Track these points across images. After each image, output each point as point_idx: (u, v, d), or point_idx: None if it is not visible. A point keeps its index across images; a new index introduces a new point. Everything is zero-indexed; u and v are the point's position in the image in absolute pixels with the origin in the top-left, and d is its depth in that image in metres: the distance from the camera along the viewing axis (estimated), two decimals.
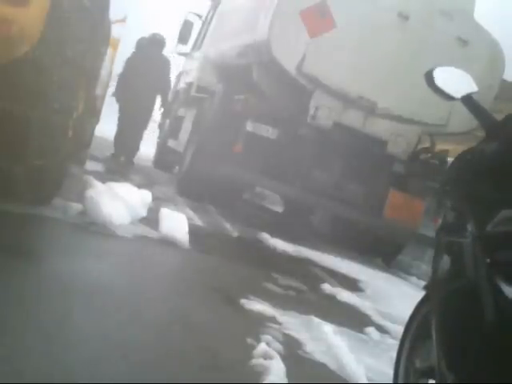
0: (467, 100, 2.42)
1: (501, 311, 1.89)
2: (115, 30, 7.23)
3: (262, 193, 10.56)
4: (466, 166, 2.34)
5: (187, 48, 11.60)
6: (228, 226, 6.82)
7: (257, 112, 7.30)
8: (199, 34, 11.22)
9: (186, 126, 9.32)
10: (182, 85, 11.25)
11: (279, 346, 3.26)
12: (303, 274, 5.57)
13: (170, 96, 11.83)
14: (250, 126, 7.25)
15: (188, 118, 9.50)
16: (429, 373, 2.36)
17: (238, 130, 7.37)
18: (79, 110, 4.85)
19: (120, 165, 9.39)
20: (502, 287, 1.90)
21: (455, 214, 2.28)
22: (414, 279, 7.54)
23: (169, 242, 4.78)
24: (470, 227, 2.11)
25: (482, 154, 2.29)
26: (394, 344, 4.02)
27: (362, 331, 4.18)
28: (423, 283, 7.13)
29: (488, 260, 1.99)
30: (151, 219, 5.10)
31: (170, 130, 10.86)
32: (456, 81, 2.43)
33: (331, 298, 4.99)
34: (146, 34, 10.24)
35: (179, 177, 8.86)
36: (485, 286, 1.97)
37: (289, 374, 2.86)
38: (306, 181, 7.38)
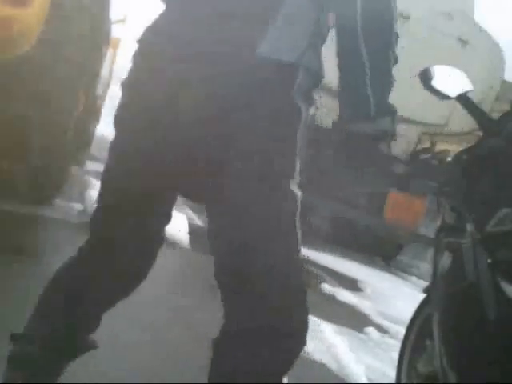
0: (463, 99, 2.41)
1: (502, 310, 1.89)
2: (115, 30, 7.23)
3: None
4: (463, 165, 2.34)
5: None
6: None
7: None
8: None
9: None
10: None
11: None
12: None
13: None
14: None
15: None
16: (433, 376, 2.35)
17: None
18: (79, 110, 4.85)
19: None
20: (503, 286, 1.90)
21: (454, 214, 2.27)
22: (414, 279, 7.55)
23: (169, 242, 4.78)
24: (469, 227, 2.11)
25: (480, 153, 2.29)
26: (394, 344, 4.02)
27: (362, 331, 4.18)
28: (423, 283, 7.14)
29: (489, 261, 1.98)
30: None
31: None
32: (451, 80, 2.42)
33: (331, 298, 4.99)
34: None
35: None
36: (486, 286, 1.96)
37: (289, 373, 2.86)
38: (305, 181, 7.37)
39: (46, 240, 4.06)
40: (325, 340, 3.65)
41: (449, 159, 7.45)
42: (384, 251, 8.15)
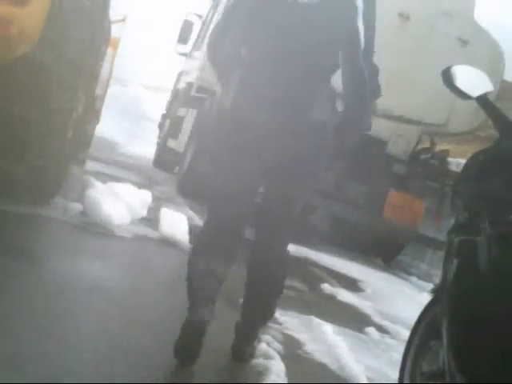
0: (482, 100, 2.41)
1: None
2: (115, 30, 7.22)
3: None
4: (479, 166, 2.33)
5: (187, 48, 11.59)
6: None
7: None
8: (199, 34, 11.21)
9: (186, 126, 9.31)
10: (182, 85, 11.25)
11: (279, 346, 3.26)
12: (303, 274, 5.57)
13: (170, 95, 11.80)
14: None
15: (188, 118, 9.49)
16: (436, 375, 2.34)
17: None
18: (79, 110, 4.85)
19: None
20: None
21: (468, 213, 2.26)
22: (413, 279, 7.54)
23: (169, 242, 4.78)
24: (484, 226, 2.10)
25: (497, 153, 2.28)
26: (394, 344, 4.02)
27: (362, 331, 4.18)
28: (423, 283, 7.15)
29: (503, 259, 1.98)
30: (151, 219, 5.10)
31: (170, 130, 10.85)
32: (473, 80, 2.41)
33: (331, 298, 4.99)
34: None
35: (179, 177, 8.86)
36: (499, 286, 1.96)
37: (289, 373, 2.86)
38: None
39: (46, 240, 4.06)
40: (325, 340, 3.65)
41: (449, 159, 7.46)
42: (384, 251, 8.15)
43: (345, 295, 5.14)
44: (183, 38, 11.65)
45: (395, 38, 7.10)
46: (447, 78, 2.42)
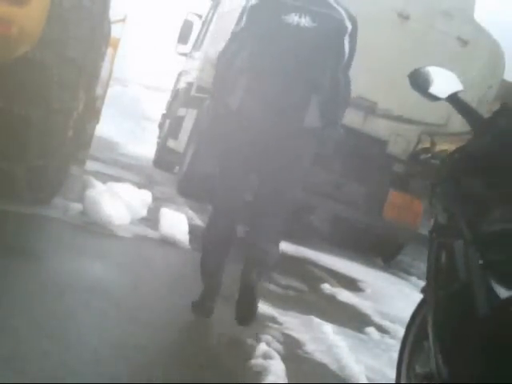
0: (453, 99, 2.39)
1: (493, 311, 1.89)
2: (115, 30, 7.21)
3: None
4: (455, 165, 2.32)
5: (187, 48, 11.59)
6: None
7: None
8: (199, 33, 11.21)
9: (186, 126, 9.30)
10: (182, 85, 11.24)
11: (279, 346, 3.26)
12: (303, 274, 5.57)
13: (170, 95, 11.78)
14: None
15: (188, 117, 9.49)
16: (429, 376, 2.35)
17: None
18: (79, 109, 4.85)
19: None
20: (494, 288, 1.89)
21: (446, 214, 2.26)
22: (413, 279, 7.54)
23: (169, 242, 4.78)
24: (461, 228, 2.10)
25: (471, 152, 2.27)
26: (393, 344, 4.02)
27: (362, 331, 4.18)
28: (423, 283, 7.13)
29: (481, 261, 1.98)
30: (151, 219, 5.10)
31: (170, 130, 10.85)
32: (440, 81, 2.40)
33: (331, 298, 4.99)
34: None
35: (179, 177, 8.85)
36: (478, 287, 1.96)
37: (289, 373, 2.87)
38: (305, 180, 7.36)
39: (46, 240, 4.06)
40: (325, 340, 3.66)
41: None
42: (384, 251, 8.14)
43: (345, 295, 5.14)
44: (183, 38, 11.65)
45: (395, 37, 7.09)
46: (414, 80, 2.41)
